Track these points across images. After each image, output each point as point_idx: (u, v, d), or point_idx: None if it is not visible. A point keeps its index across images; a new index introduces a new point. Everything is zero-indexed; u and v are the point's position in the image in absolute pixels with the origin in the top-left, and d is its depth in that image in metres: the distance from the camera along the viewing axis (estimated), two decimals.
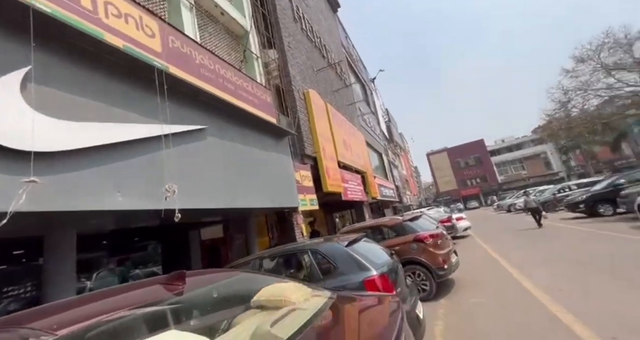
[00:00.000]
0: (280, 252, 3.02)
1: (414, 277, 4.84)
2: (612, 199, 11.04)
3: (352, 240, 2.86)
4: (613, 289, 3.76)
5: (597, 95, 19.50)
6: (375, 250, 3.15)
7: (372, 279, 2.41)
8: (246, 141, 5.22)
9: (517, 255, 7.02)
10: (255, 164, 5.32)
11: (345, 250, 2.64)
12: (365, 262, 2.53)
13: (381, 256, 2.95)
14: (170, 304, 1.30)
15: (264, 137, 5.89)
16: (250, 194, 4.85)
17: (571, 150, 33.97)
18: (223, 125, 4.75)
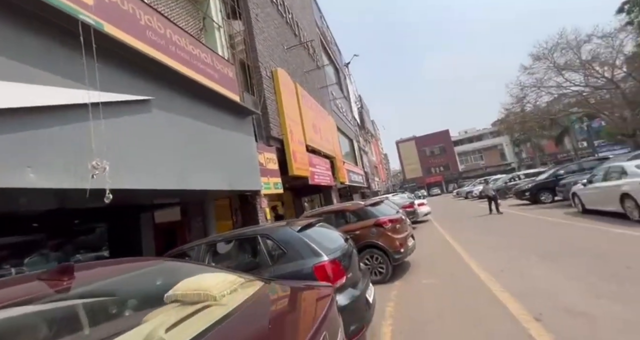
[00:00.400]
0: (228, 238, 2.81)
1: (371, 261, 4.93)
2: (552, 188, 12.23)
3: (306, 225, 2.74)
4: (544, 269, 4.11)
5: (548, 92, 21.04)
6: (330, 235, 3.07)
7: (323, 264, 2.32)
8: (202, 118, 4.79)
9: (468, 239, 7.50)
10: (213, 143, 4.94)
11: (297, 235, 2.51)
12: (317, 248, 2.43)
13: (335, 241, 2.88)
14: (47, 304, 1.05)
15: (224, 114, 5.47)
16: (204, 175, 4.51)
17: (523, 143, 36.97)
18: (174, 98, 4.28)
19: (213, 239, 2.89)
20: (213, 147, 4.93)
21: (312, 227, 2.85)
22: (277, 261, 2.44)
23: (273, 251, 2.49)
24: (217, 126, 5.17)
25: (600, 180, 7.55)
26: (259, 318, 1.13)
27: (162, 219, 7.04)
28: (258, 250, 2.52)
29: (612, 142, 25.29)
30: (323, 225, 3.19)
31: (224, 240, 2.81)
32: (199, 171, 4.43)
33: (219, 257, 2.80)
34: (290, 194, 16.26)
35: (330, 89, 18.46)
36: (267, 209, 7.85)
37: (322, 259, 2.36)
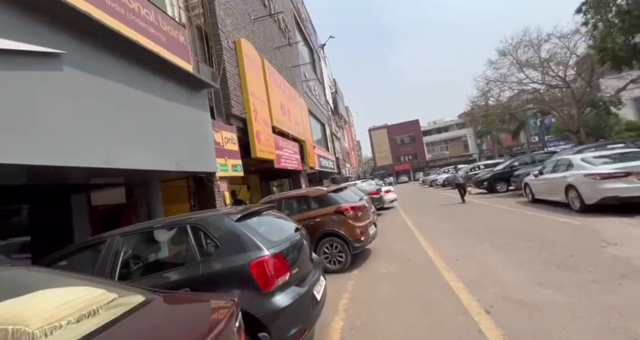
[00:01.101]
0: (150, 227, 2.34)
1: (331, 249, 4.72)
2: (507, 179, 13.02)
3: (249, 214, 2.36)
4: (497, 258, 4.18)
5: (510, 87, 22.07)
6: (278, 225, 2.73)
7: (262, 260, 1.98)
8: (142, 86, 4.09)
9: (428, 225, 7.66)
10: (156, 116, 4.27)
11: (234, 225, 2.13)
12: (257, 240, 2.08)
13: (283, 231, 2.54)
14: None
15: (172, 85, 4.76)
16: (143, 152, 3.89)
17: (484, 135, 39.16)
18: (102, 58, 3.54)
19: (130, 229, 2.40)
20: (156, 120, 4.27)
21: (256, 215, 2.47)
22: (207, 256, 2.04)
23: (204, 244, 2.09)
24: (162, 97, 4.48)
25: (550, 172, 8.01)
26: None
27: (101, 201, 6.24)
28: (186, 244, 2.10)
29: (559, 137, 27.60)
30: (272, 213, 2.82)
31: (145, 231, 2.34)
32: (136, 147, 3.80)
33: (137, 252, 2.32)
34: (257, 178, 15.67)
35: (303, 70, 17.67)
36: (226, 192, 7.32)
37: (261, 253, 2.02)
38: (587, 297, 2.62)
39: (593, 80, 17.95)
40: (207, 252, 2.06)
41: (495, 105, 23.63)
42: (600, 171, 6.12)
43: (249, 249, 2.04)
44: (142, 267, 2.24)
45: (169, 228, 2.31)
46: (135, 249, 2.34)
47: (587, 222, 5.43)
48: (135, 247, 2.34)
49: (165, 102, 4.55)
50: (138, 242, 2.37)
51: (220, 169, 6.00)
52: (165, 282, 2.00)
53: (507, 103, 23.49)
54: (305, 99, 16.60)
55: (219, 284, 1.95)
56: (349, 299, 3.46)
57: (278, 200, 5.38)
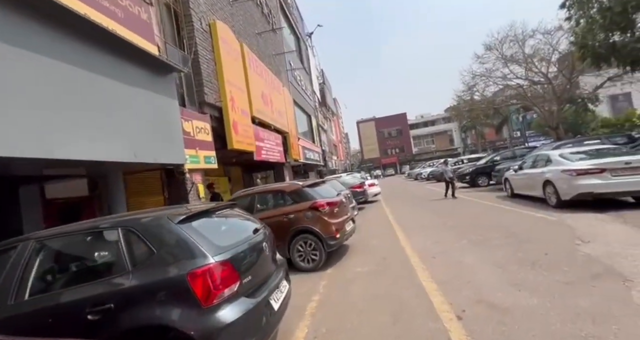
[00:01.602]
0: (74, 231, 2.00)
1: (305, 247, 4.50)
2: (488, 173, 13.19)
3: (198, 213, 2.07)
4: (473, 256, 4.09)
5: (495, 82, 22.28)
6: (232, 226, 2.46)
7: (203, 269, 1.70)
8: (91, 66, 3.63)
9: (409, 220, 7.58)
10: (109, 101, 3.83)
11: (174, 229, 1.84)
12: (201, 246, 1.80)
13: (237, 234, 2.27)
14: None
15: (130, 67, 4.30)
16: (93, 141, 3.48)
17: (469, 130, 39.85)
18: (35, 30, 3.07)
19: (50, 233, 2.04)
20: (110, 106, 3.83)
21: (207, 215, 2.18)
22: (140, 265, 1.74)
23: (137, 250, 1.79)
24: (118, 80, 4.03)
25: (529, 167, 8.05)
26: None
27: (59, 194, 5.74)
28: (116, 250, 1.79)
29: (540, 133, 28.36)
30: (228, 212, 2.53)
31: (68, 235, 1.99)
32: (84, 136, 3.38)
33: (56, 260, 1.97)
34: (239, 170, 15.22)
35: (289, 59, 17.08)
36: (200, 185, 6.95)
37: (204, 261, 1.74)
38: (560, 299, 2.51)
39: (573, 78, 18.32)
40: (140, 261, 1.76)
41: (481, 100, 23.87)
42: (576, 167, 6.15)
43: (189, 256, 1.76)
44: (61, 279, 1.90)
45: (97, 231, 1.97)
46: (54, 256, 1.99)
47: (563, 217, 5.45)
48: (54, 254, 1.99)
49: (123, 86, 4.11)
50: (58, 248, 2.02)
51: (190, 161, 5.61)
52: (85, 297, 1.70)
53: (491, 98, 23.78)
54: (290, 89, 16.10)
55: (151, 299, 1.67)
56: (318, 302, 3.26)
57: (251, 195, 5.09)
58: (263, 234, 2.56)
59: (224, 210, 2.50)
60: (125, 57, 4.22)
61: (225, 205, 2.58)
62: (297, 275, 4.37)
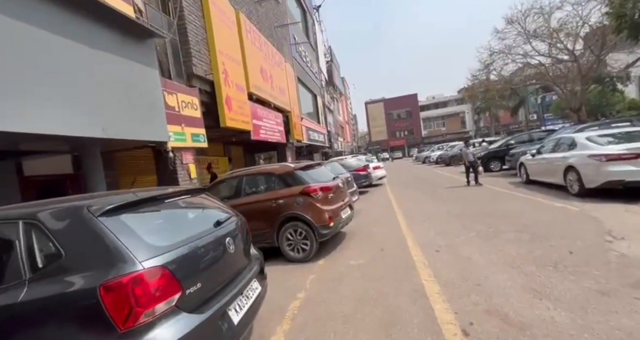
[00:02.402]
0: None
1: (294, 235, 4.09)
2: (501, 157, 12.43)
3: (134, 202, 1.60)
4: (482, 251, 3.61)
5: (514, 60, 20.65)
6: (186, 218, 2.01)
7: (124, 279, 1.26)
8: (46, 25, 3.08)
9: (413, 206, 7.08)
10: (69, 67, 3.32)
11: (93, 223, 1.38)
12: (127, 246, 1.35)
13: (189, 228, 1.81)
14: None
15: (97, 29, 3.72)
16: (47, 113, 3.01)
17: (483, 112, 37.94)
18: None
19: None
20: (71, 73, 3.33)
21: (150, 205, 1.71)
22: (41, 272, 1.31)
23: (40, 252, 1.35)
24: (82, 43, 3.49)
25: (549, 151, 7.34)
26: None
27: (39, 171, 5.42)
28: (13, 250, 1.37)
29: (558, 115, 26.74)
30: (183, 200, 2.04)
31: None
32: (37, 106, 2.91)
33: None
34: (241, 149, 14.80)
35: (293, 32, 16.00)
36: (191, 165, 6.54)
37: (128, 268, 1.30)
38: (595, 315, 2.03)
39: (602, 55, 16.72)
40: (42, 266, 1.32)
41: (497, 80, 22.33)
42: (606, 152, 5.45)
43: (108, 261, 1.32)
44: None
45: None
46: None
47: (587, 208, 4.86)
48: None
49: (88, 49, 3.56)
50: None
51: (175, 139, 5.15)
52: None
53: (509, 78, 22.18)
54: (294, 65, 15.20)
55: (48, 321, 1.25)
56: (302, 301, 2.87)
57: (240, 177, 4.64)
58: (230, 226, 2.11)
59: (182, 197, 2.04)
60: (91, 17, 3.64)
61: (185, 190, 2.11)
62: (286, 265, 4.01)
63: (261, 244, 4.25)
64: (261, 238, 4.23)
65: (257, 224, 4.24)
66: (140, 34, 4.43)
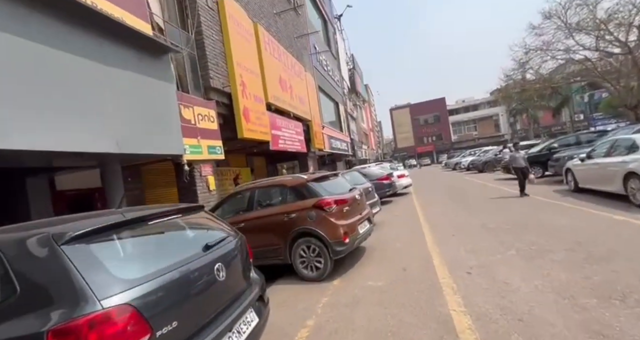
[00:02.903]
0: None
1: (307, 252, 3.81)
2: (543, 162, 11.24)
3: (111, 226, 1.44)
4: (525, 275, 3.08)
5: (553, 57, 19.00)
6: (170, 242, 1.81)
7: (76, 323, 1.06)
8: (63, 44, 3.20)
9: (441, 217, 6.48)
10: (84, 84, 3.41)
11: (54, 252, 1.23)
12: (88, 281, 1.16)
13: (171, 255, 1.59)
14: None
15: (113, 46, 3.84)
16: (58, 128, 3.08)
17: (519, 114, 35.28)
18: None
19: None
20: (84, 88, 3.41)
21: (130, 228, 1.55)
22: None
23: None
24: (96, 60, 3.59)
25: (603, 155, 6.42)
26: None
27: (70, 186, 5.71)
28: None
29: (610, 115, 24.03)
30: (178, 221, 1.86)
31: None
32: (47, 121, 2.99)
33: None
34: (263, 160, 14.96)
35: (314, 42, 16.13)
36: (210, 177, 6.59)
37: (84, 309, 1.11)
38: None
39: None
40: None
41: (535, 79, 20.66)
42: None
43: (65, 299, 1.14)
44: None
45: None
46: None
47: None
48: None
49: (103, 67, 3.66)
50: None
51: (191, 151, 5.17)
52: None
53: (548, 76, 20.43)
54: (314, 74, 15.24)
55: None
56: (310, 330, 2.56)
57: (252, 190, 4.49)
58: (222, 249, 1.89)
59: (174, 216, 1.86)
60: (108, 36, 3.76)
61: (179, 209, 1.94)
62: (298, 285, 3.73)
63: (273, 260, 4.04)
64: (273, 254, 4.01)
65: (269, 239, 4.03)
66: (157, 50, 4.53)
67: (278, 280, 4.06)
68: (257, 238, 4.09)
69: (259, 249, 4.09)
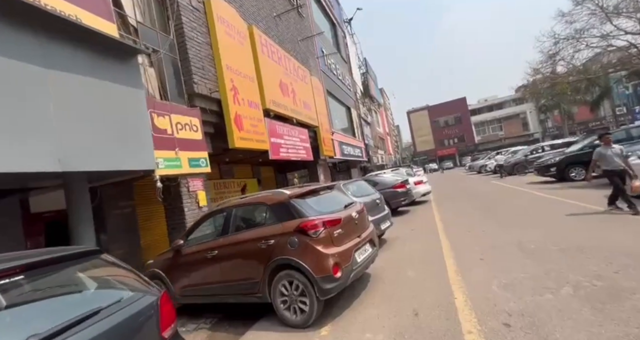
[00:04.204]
0: None
1: (290, 290, 2.99)
2: (586, 162, 9.74)
3: None
4: (591, 333, 2.05)
5: (588, 46, 17.14)
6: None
7: None
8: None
9: (466, 235, 5.37)
10: (17, 92, 2.87)
11: None
12: None
13: None
14: None
15: (64, 46, 3.33)
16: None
17: (550, 110, 32.56)
18: None
19: None
20: (21, 98, 2.88)
21: None
22: None
23: None
24: (39, 65, 3.07)
25: None
26: None
27: (48, 207, 5.28)
28: None
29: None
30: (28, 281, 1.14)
31: None
32: None
33: None
34: (271, 170, 14.36)
35: (321, 46, 15.57)
36: (200, 192, 5.99)
37: None
38: None
39: None
40: None
41: (567, 71, 18.77)
42: None
43: None
44: None
45: None
46: None
47: None
48: None
49: (41, 70, 3.12)
50: None
51: (166, 165, 4.56)
52: None
53: (582, 67, 18.48)
54: (322, 78, 14.61)
55: None
56: None
57: (228, 209, 3.75)
58: (116, 318, 1.13)
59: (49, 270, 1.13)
60: (54, 35, 3.25)
61: (56, 257, 1.22)
62: (279, 333, 2.91)
63: (251, 298, 3.25)
64: (250, 290, 3.22)
65: (245, 271, 3.27)
66: (121, 52, 4.00)
67: (259, 321, 3.27)
68: (232, 270, 3.34)
69: (233, 283, 3.32)
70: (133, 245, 6.61)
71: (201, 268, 3.62)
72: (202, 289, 3.66)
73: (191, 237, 3.97)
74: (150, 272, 4.06)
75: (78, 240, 3.89)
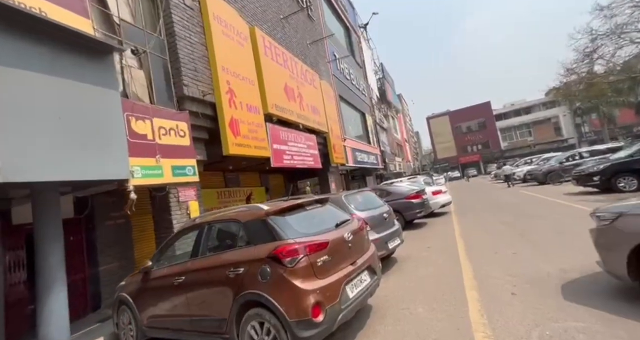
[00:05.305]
0: None
1: (260, 334, 2.33)
2: (637, 170, 8.41)
3: None
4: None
5: (632, 41, 15.44)
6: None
7: None
8: None
9: (491, 259, 4.44)
10: None
11: None
12: None
13: None
14: None
15: (18, 42, 2.98)
16: None
17: (587, 114, 29.90)
18: None
19: None
20: None
21: None
22: None
23: None
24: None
25: None
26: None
27: (31, 218, 5.00)
28: None
29: None
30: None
31: None
32: None
33: None
34: (281, 178, 13.87)
35: (333, 50, 15.13)
36: (192, 202, 5.55)
37: None
38: None
39: None
40: None
41: (608, 70, 17.03)
42: None
43: None
44: None
45: None
46: None
47: None
48: None
49: None
50: None
51: (143, 174, 4.10)
52: None
53: (625, 65, 16.67)
54: (334, 82, 14.09)
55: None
56: None
57: (200, 227, 3.18)
58: None
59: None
60: (9, 29, 2.91)
61: None
62: None
63: (217, 339, 2.62)
64: (217, 329, 2.60)
65: (211, 305, 2.65)
66: (93, 50, 3.63)
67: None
68: (199, 302, 2.74)
69: (199, 318, 2.71)
70: (126, 258, 6.24)
71: (168, 296, 3.05)
72: (169, 321, 3.09)
73: (163, 257, 3.45)
74: (118, 297, 3.56)
75: (41, 261, 3.43)
